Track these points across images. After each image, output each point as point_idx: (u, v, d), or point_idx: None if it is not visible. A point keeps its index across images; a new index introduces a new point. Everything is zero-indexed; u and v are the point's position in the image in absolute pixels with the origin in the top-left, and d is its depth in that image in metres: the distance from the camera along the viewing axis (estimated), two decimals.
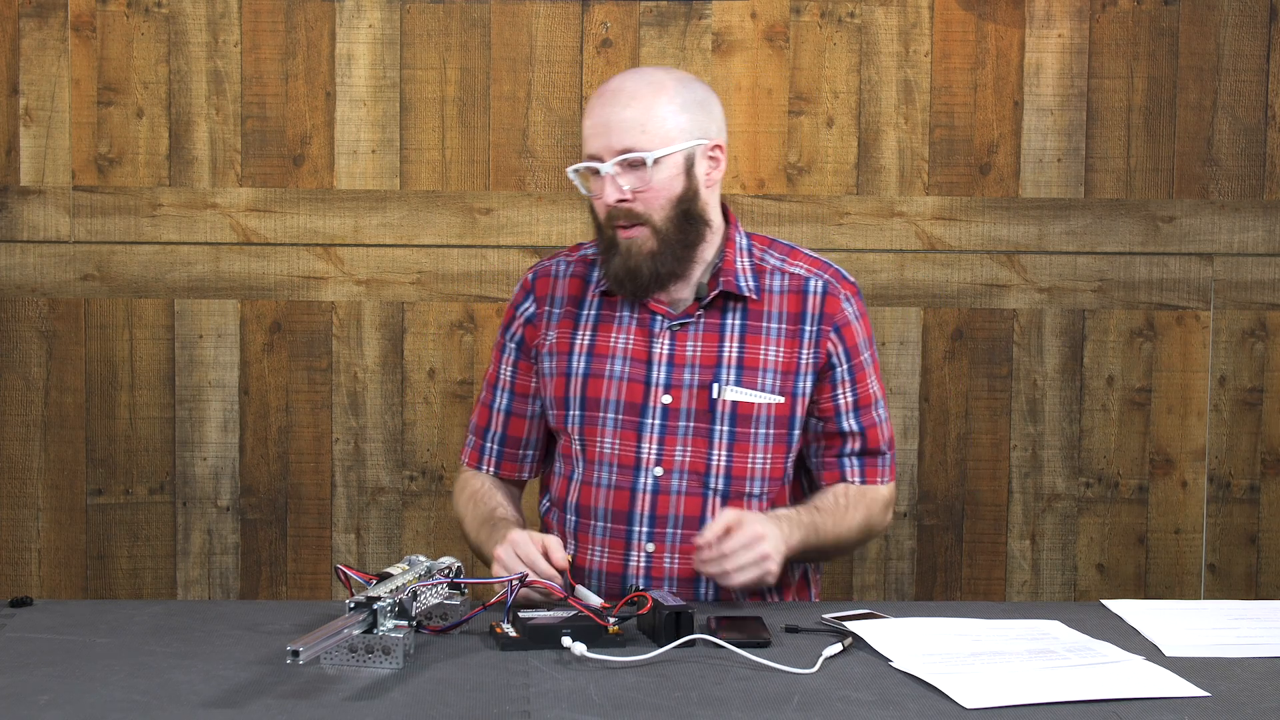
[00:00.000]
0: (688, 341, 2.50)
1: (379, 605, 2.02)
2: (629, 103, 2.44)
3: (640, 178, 2.43)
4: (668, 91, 2.45)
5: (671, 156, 2.44)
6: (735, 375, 2.48)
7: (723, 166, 2.51)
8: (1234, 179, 3.44)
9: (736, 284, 2.50)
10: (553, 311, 2.57)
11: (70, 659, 2.03)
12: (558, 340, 2.55)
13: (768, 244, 2.57)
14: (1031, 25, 3.41)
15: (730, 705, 1.88)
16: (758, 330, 2.50)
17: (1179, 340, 3.46)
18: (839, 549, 2.57)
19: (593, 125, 2.45)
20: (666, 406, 2.48)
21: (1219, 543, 3.49)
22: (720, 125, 2.51)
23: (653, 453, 2.48)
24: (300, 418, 3.41)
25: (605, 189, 2.43)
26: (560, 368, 2.54)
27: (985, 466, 3.46)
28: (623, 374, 2.50)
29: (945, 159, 3.42)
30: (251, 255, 3.39)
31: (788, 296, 2.52)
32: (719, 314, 2.51)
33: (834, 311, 2.52)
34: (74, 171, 3.37)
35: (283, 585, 3.43)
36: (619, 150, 2.42)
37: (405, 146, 3.39)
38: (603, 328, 2.53)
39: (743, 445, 2.48)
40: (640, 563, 2.47)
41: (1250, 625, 2.26)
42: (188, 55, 3.37)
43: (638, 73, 2.52)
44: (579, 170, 2.49)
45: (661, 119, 2.43)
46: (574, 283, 2.57)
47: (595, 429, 2.50)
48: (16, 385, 3.40)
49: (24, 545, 3.42)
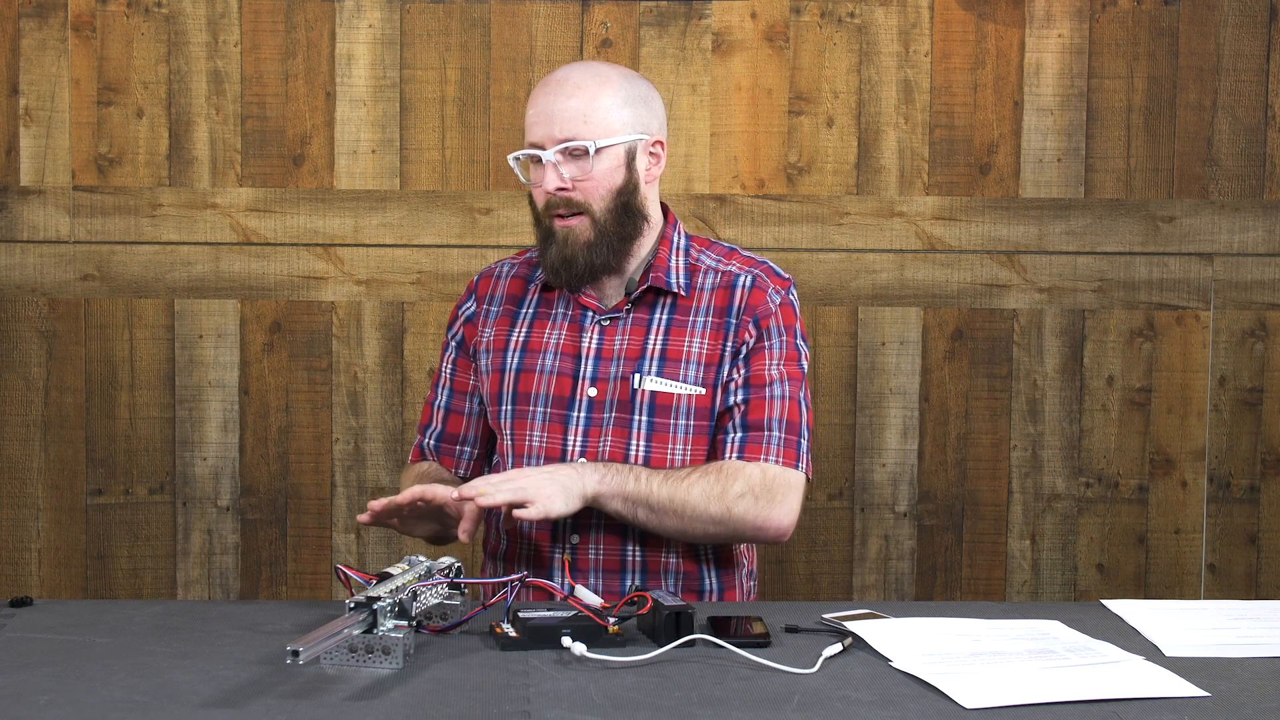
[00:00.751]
0: (616, 336, 2.52)
1: (379, 605, 2.02)
2: (573, 93, 2.45)
3: (581, 167, 2.45)
4: (611, 84, 2.47)
5: (613, 148, 2.46)
6: (657, 366, 2.49)
7: (663, 163, 2.54)
8: (1234, 179, 3.44)
9: (666, 280, 2.52)
10: (491, 310, 2.60)
11: (70, 659, 2.03)
12: (494, 338, 2.59)
13: (706, 245, 2.59)
14: (1031, 25, 3.41)
15: (730, 705, 1.88)
16: (684, 325, 2.52)
17: (1179, 340, 3.46)
18: (680, 516, 2.40)
19: (535, 114, 2.47)
20: (592, 399, 2.50)
21: (1219, 543, 3.49)
22: (662, 122, 2.53)
23: (577, 445, 2.49)
24: (300, 418, 3.41)
25: (546, 176, 2.45)
26: (496, 364, 2.57)
27: (985, 466, 3.46)
28: (553, 368, 2.52)
29: (945, 159, 3.42)
30: (251, 255, 3.39)
31: (717, 292, 2.53)
32: (648, 309, 2.53)
33: (757, 303, 2.52)
34: (74, 171, 3.37)
35: (283, 585, 3.43)
36: (561, 139, 2.44)
37: (405, 146, 3.39)
38: (538, 324, 2.57)
39: (662, 436, 2.49)
40: (566, 554, 2.49)
41: (1250, 625, 2.26)
42: (188, 55, 3.37)
43: (582, 65, 2.53)
44: (519, 158, 2.51)
45: (605, 110, 2.45)
46: (515, 283, 2.61)
47: (525, 423, 2.53)
48: (16, 385, 3.40)
49: (24, 545, 3.42)
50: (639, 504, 2.40)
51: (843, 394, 3.44)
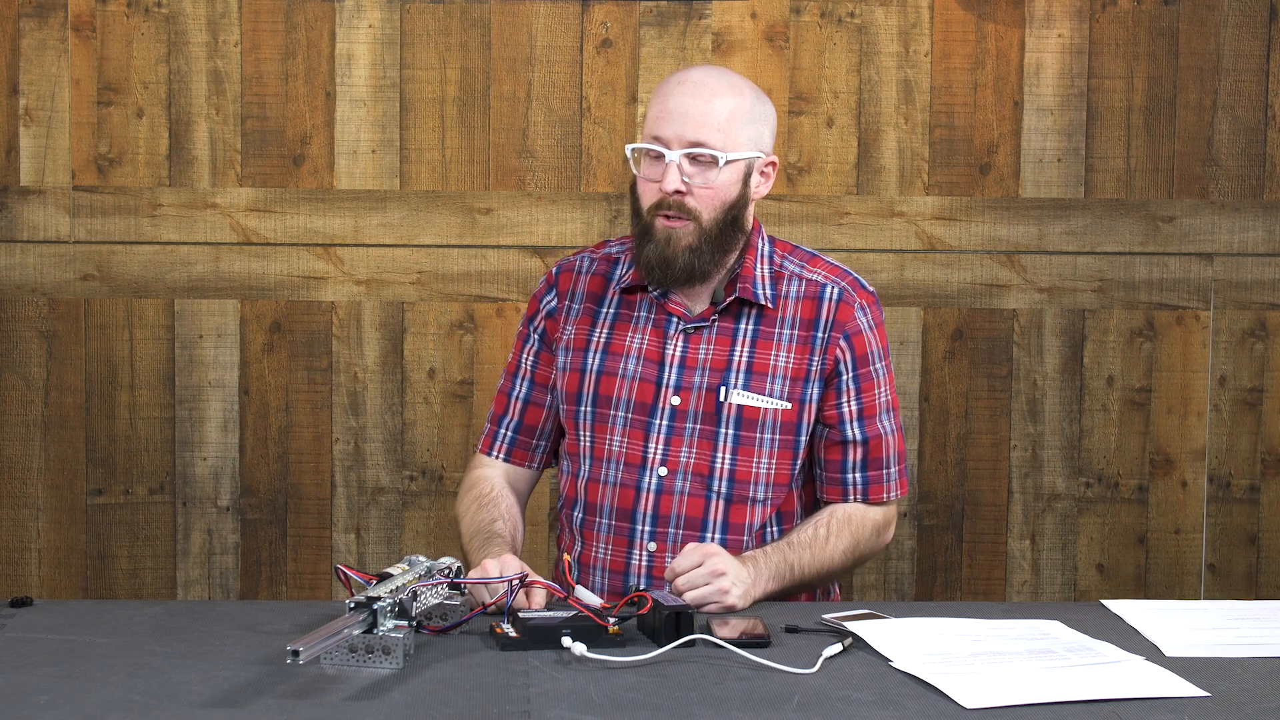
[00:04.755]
0: (701, 345, 2.50)
1: (379, 605, 2.02)
2: (711, 99, 2.44)
3: (705, 175, 2.44)
4: (745, 98, 2.47)
5: (736, 162, 2.45)
6: (744, 379, 2.49)
7: (771, 182, 2.53)
8: (1234, 179, 3.44)
9: (754, 291, 2.50)
10: (573, 307, 2.58)
11: (70, 659, 2.03)
12: (575, 336, 2.56)
13: (789, 250, 2.57)
14: (1031, 25, 3.41)
15: (730, 705, 1.88)
16: (770, 336, 2.51)
17: (1179, 340, 3.46)
18: (823, 579, 2.52)
19: (668, 110, 2.44)
20: (675, 408, 2.49)
21: (1219, 543, 3.49)
22: (773, 142, 2.53)
23: (659, 453, 2.49)
24: (300, 418, 3.41)
25: (667, 175, 2.43)
26: (575, 364, 2.55)
27: (985, 466, 3.46)
28: (635, 373, 2.51)
29: (945, 159, 3.42)
30: (251, 255, 3.39)
31: (803, 303, 2.52)
32: (733, 319, 2.51)
33: (846, 319, 2.51)
34: (74, 171, 3.37)
35: (283, 585, 3.43)
36: (691, 141, 2.43)
37: (405, 146, 3.39)
38: (619, 326, 2.54)
39: (747, 449, 2.48)
40: (642, 561, 2.48)
41: (1250, 625, 2.26)
42: (188, 55, 3.37)
43: (717, 71, 2.52)
44: (638, 150, 2.49)
45: (737, 124, 2.45)
46: (596, 280, 2.59)
47: (605, 426, 2.51)
48: (16, 385, 3.40)
49: (24, 545, 3.42)
50: (790, 585, 2.43)
51: None
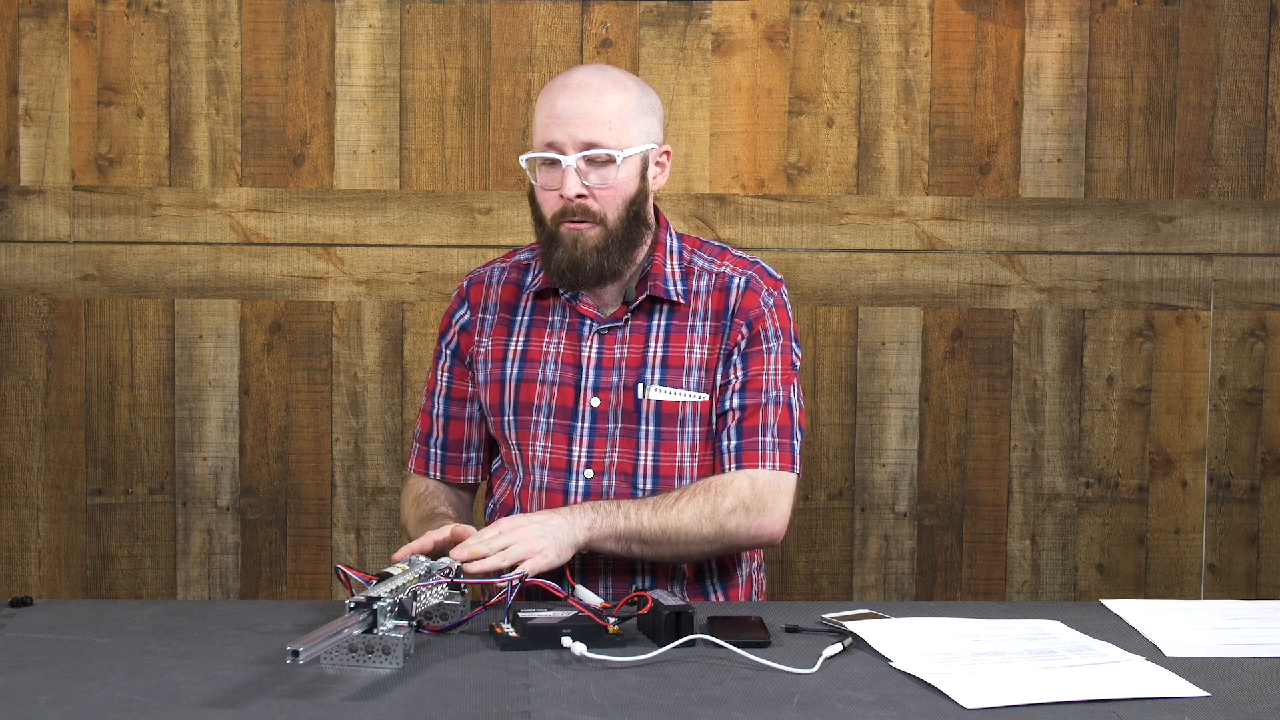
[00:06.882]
0: (616, 344, 2.51)
1: (379, 605, 2.02)
2: (598, 98, 2.43)
3: (603, 175, 2.43)
4: (632, 93, 2.47)
5: (632, 157, 2.45)
6: (660, 375, 2.49)
7: (668, 171, 2.53)
8: (1234, 179, 3.44)
9: (665, 288, 2.51)
10: (487, 318, 2.58)
11: (70, 659, 2.03)
12: (492, 347, 2.57)
13: (698, 245, 2.58)
14: (1031, 25, 3.41)
15: (730, 705, 1.88)
16: (683, 330, 2.51)
17: (1179, 340, 3.46)
18: (678, 544, 2.40)
19: (556, 115, 2.43)
20: (595, 409, 2.50)
21: (1219, 543, 3.49)
22: (664, 131, 2.53)
23: (583, 455, 2.49)
24: (300, 418, 3.41)
25: (566, 180, 2.42)
26: (495, 374, 2.55)
27: (985, 466, 3.46)
28: (554, 378, 2.51)
29: (945, 159, 3.42)
30: (251, 255, 3.39)
31: (713, 295, 2.52)
32: (646, 316, 2.52)
33: (750, 305, 2.51)
34: (74, 171, 3.37)
35: (283, 585, 3.43)
36: (585, 143, 2.42)
37: (405, 146, 3.39)
38: (535, 333, 2.55)
39: (669, 444, 2.49)
40: (575, 564, 2.45)
41: (1250, 625, 2.26)
42: (188, 55, 3.37)
43: (598, 68, 2.51)
44: (533, 159, 2.47)
45: (627, 119, 2.44)
46: (508, 289, 2.59)
47: (529, 433, 2.52)
48: (16, 385, 3.40)
49: (24, 545, 3.42)
50: (632, 540, 2.38)
51: (843, 394, 3.44)
